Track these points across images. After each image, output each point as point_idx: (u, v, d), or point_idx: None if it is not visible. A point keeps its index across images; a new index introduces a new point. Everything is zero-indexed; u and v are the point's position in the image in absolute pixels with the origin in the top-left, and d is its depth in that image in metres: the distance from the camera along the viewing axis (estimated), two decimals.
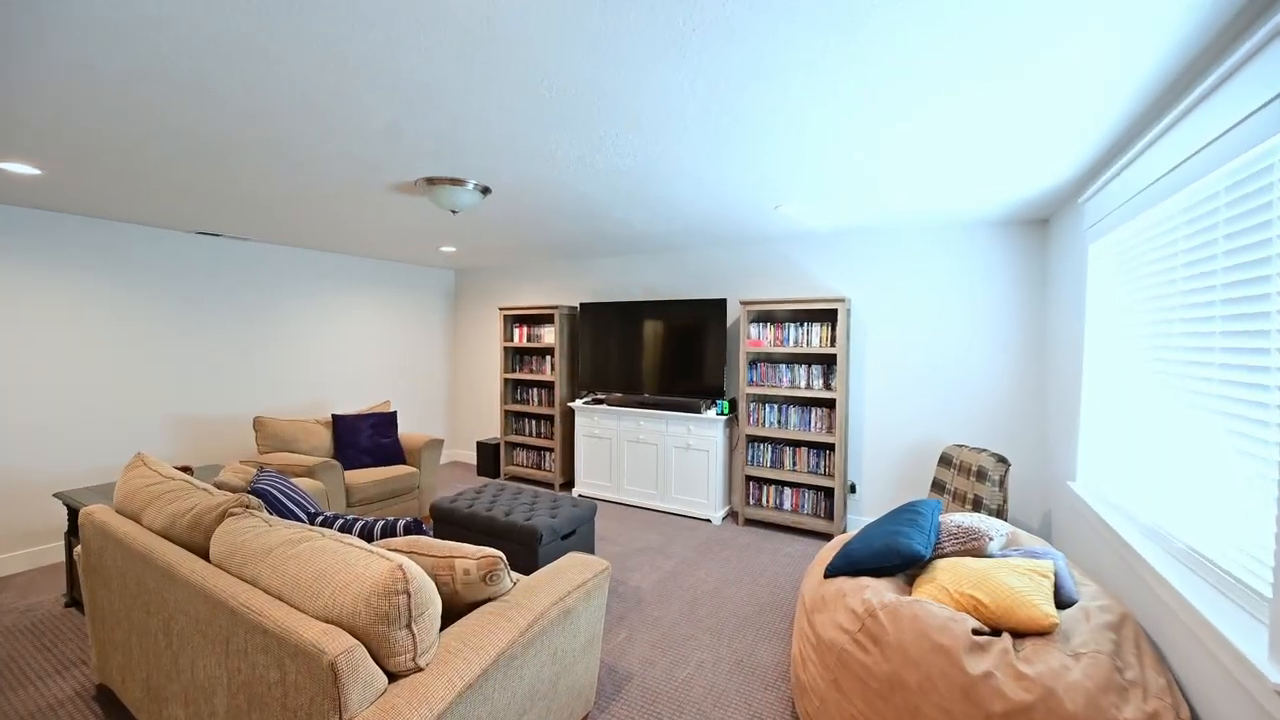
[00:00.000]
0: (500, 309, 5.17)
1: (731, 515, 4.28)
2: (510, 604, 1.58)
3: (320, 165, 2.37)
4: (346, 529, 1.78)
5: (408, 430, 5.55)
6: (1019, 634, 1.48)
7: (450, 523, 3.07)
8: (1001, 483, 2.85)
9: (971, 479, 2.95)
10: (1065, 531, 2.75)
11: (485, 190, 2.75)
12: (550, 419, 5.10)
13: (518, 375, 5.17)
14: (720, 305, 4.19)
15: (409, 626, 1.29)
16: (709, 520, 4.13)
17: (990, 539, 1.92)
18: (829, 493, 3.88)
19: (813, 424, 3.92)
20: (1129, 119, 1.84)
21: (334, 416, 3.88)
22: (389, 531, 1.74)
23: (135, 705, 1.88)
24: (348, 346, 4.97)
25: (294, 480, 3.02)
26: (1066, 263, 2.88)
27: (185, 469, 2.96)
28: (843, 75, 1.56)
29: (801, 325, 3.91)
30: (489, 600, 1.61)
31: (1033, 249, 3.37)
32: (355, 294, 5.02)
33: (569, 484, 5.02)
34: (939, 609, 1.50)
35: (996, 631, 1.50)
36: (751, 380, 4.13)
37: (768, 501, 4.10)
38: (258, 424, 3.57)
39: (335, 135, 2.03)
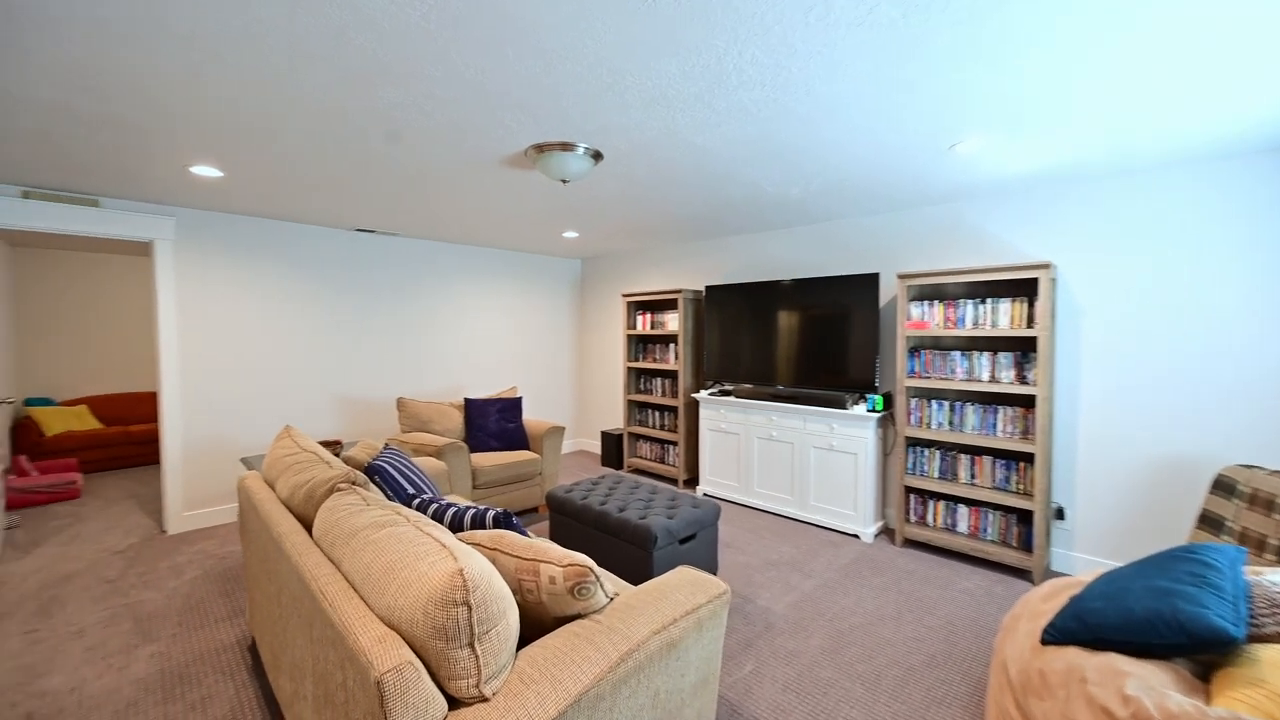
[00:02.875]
0: (623, 295, 5.01)
1: (886, 532, 3.59)
2: (602, 626, 1.28)
3: (428, 141, 2.31)
4: (439, 515, 1.63)
5: (536, 417, 5.67)
6: None
7: (564, 513, 2.92)
8: None
9: (1277, 518, 2.00)
10: None
11: (597, 156, 2.52)
12: (673, 410, 4.81)
13: (640, 364, 4.96)
14: (870, 282, 3.52)
15: (471, 645, 1.05)
16: (857, 536, 3.50)
17: None
18: (1024, 516, 3.03)
19: (1000, 426, 3.09)
20: None
21: (466, 400, 4.00)
22: (478, 522, 1.56)
23: (267, 664, 1.96)
24: (482, 334, 5.19)
25: (416, 459, 3.11)
26: None
27: (334, 443, 3.21)
28: None
29: (983, 302, 3.10)
30: (578, 616, 1.33)
31: None
32: (489, 284, 5.22)
33: (693, 480, 4.69)
34: None
35: None
36: (912, 371, 3.40)
37: (935, 520, 3.35)
38: (400, 405, 3.80)
39: (429, 95, 1.91)
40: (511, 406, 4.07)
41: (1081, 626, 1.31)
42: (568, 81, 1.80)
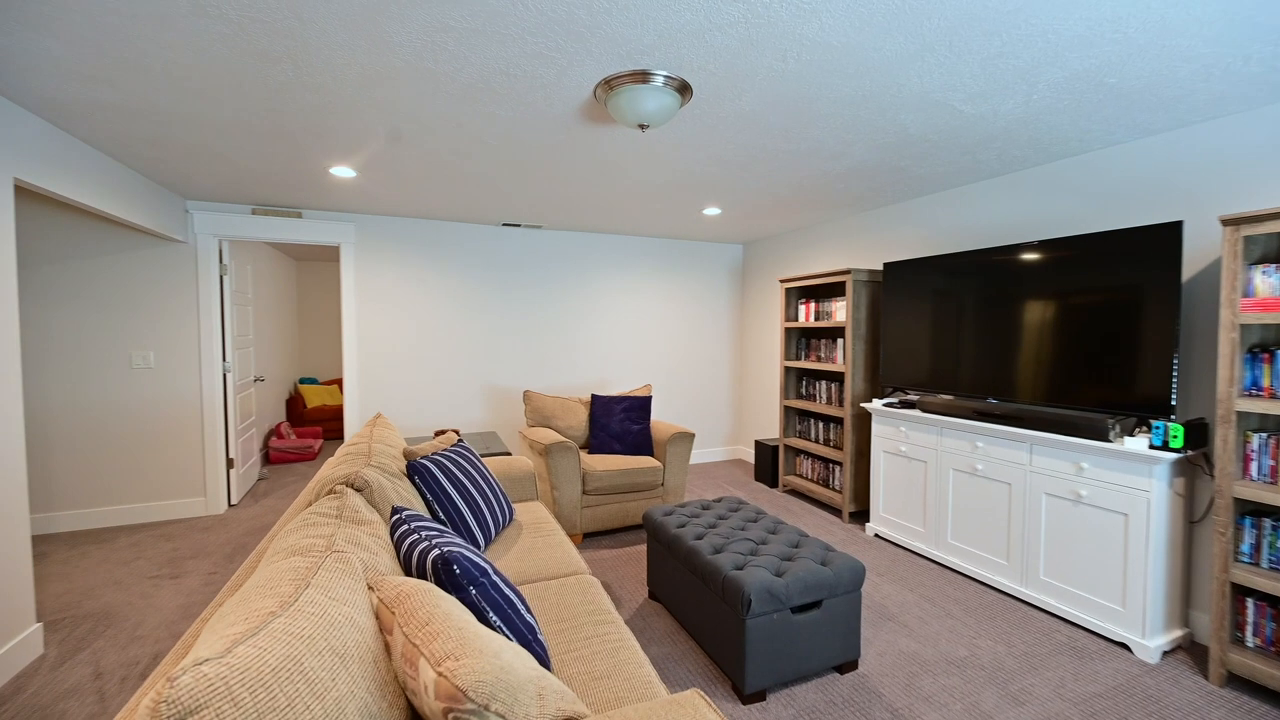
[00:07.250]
0: (780, 280, 4.20)
1: (1188, 651, 2.18)
2: None
3: (486, 99, 2.01)
4: (400, 541, 1.28)
5: (685, 420, 5.18)
6: None
7: (658, 540, 2.39)
8: None
9: None
10: None
11: (683, 89, 1.92)
12: (839, 422, 3.83)
13: (801, 363, 4.08)
14: (1165, 237, 2.15)
15: None
16: (1126, 647, 2.18)
17: None
18: None
19: None
20: None
21: (592, 397, 3.75)
22: (421, 565, 1.15)
23: None
24: (631, 327, 4.92)
25: (513, 459, 2.89)
26: None
27: (446, 433, 3.21)
28: None
29: None
30: None
31: None
32: (639, 275, 4.92)
33: (863, 515, 3.66)
34: None
35: None
36: (1254, 385, 1.96)
37: None
38: (525, 397, 3.71)
39: (442, 27, 1.57)
40: (637, 406, 3.67)
41: None
42: None
